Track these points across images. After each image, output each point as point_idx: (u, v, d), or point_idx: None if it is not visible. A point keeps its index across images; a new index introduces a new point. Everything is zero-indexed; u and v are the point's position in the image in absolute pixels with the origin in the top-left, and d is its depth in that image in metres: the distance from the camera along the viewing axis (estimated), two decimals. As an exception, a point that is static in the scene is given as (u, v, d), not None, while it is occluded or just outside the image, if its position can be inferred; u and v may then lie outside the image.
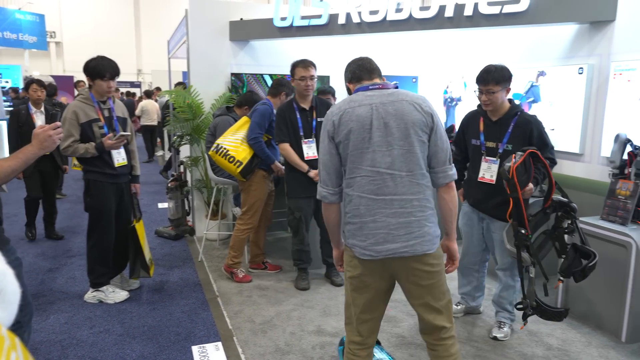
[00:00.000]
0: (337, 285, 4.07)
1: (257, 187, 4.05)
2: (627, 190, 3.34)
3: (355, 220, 2.05)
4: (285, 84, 4.10)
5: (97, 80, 3.34)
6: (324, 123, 2.09)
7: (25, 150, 1.93)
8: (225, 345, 3.11)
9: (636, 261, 3.11)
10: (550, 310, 2.83)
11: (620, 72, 3.74)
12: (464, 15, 4.27)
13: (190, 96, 5.18)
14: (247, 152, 3.97)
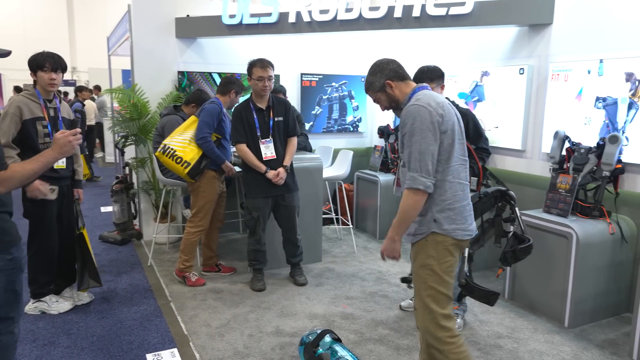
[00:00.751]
0: (300, 285, 4.06)
1: (206, 188, 3.95)
2: (566, 184, 3.56)
3: (456, 205, 2.17)
4: (234, 81, 4.03)
5: (38, 72, 3.15)
6: (425, 116, 2.07)
7: (45, 154, 2.01)
8: (181, 351, 3.03)
9: (576, 251, 3.31)
10: (478, 289, 2.93)
11: (558, 73, 3.97)
12: (412, 16, 4.38)
13: (135, 95, 4.99)
14: (195, 152, 3.87)
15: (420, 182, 2.06)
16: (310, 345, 2.71)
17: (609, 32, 3.63)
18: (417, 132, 2.08)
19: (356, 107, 6.28)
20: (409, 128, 2.10)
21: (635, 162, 3.47)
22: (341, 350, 2.63)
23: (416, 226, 2.20)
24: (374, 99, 2.35)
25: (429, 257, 2.18)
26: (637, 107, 3.43)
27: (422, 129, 2.07)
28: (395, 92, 2.26)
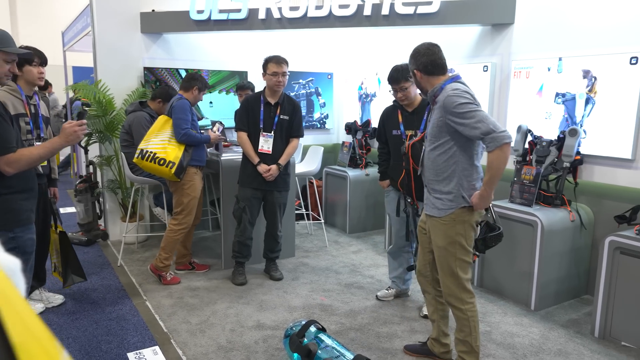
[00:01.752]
0: (276, 280, 4.10)
1: (190, 185, 3.92)
2: (530, 175, 3.77)
3: (478, 186, 2.51)
4: (197, 78, 4.01)
5: (25, 66, 3.05)
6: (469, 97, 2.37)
7: (53, 141, 2.22)
8: (163, 348, 3.00)
9: (541, 238, 3.51)
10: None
11: (520, 70, 4.19)
12: (381, 14, 4.50)
13: (100, 91, 4.87)
14: (177, 150, 3.83)
15: (502, 137, 2.26)
16: (296, 336, 2.76)
17: (567, 32, 3.87)
18: (467, 106, 2.33)
19: (323, 104, 6.36)
20: (460, 106, 2.33)
21: (592, 154, 3.72)
22: (327, 339, 2.70)
23: (446, 202, 2.50)
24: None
25: (458, 234, 2.50)
26: (593, 102, 3.67)
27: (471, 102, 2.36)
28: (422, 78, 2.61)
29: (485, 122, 2.29)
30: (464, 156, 2.47)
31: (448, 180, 2.49)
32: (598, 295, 3.18)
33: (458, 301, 2.57)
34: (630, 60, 3.42)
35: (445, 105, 2.39)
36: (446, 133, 2.45)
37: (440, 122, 2.45)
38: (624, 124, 3.49)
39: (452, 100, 2.36)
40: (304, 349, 2.64)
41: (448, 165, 2.48)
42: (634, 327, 3.02)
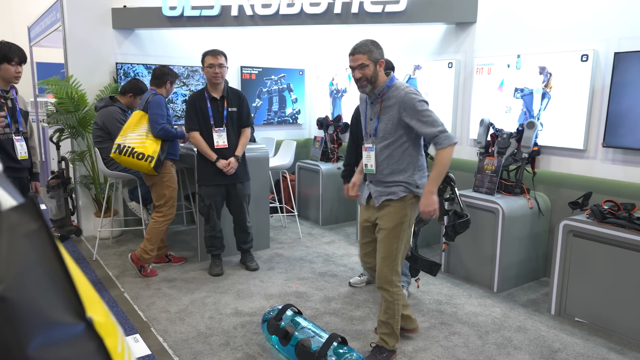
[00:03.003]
0: (252, 270, 4.22)
1: (169, 177, 4.01)
2: (492, 165, 4.01)
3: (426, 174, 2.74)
4: (167, 72, 4.05)
5: (3, 64, 3.06)
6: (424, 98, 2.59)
7: None
8: (144, 336, 3.09)
9: (502, 224, 3.75)
10: (422, 259, 3.30)
11: (482, 67, 4.43)
12: (350, 12, 4.66)
13: (72, 87, 4.87)
14: (155, 144, 3.89)
15: (452, 137, 2.52)
16: (273, 320, 2.90)
17: (525, 31, 4.12)
18: (425, 105, 2.55)
19: (295, 99, 6.49)
20: (419, 106, 2.53)
21: (548, 145, 3.98)
22: (303, 322, 2.85)
23: (402, 187, 2.65)
24: (361, 63, 2.62)
25: (406, 216, 2.64)
26: (549, 97, 3.93)
27: (426, 102, 2.58)
28: (380, 71, 2.65)
29: (439, 122, 2.53)
30: (415, 149, 2.67)
31: (404, 172, 2.66)
32: (554, 274, 3.44)
33: (389, 284, 2.68)
34: (582, 57, 3.69)
35: (404, 102, 2.55)
36: (401, 128, 2.61)
37: (396, 119, 2.60)
38: (576, 116, 3.76)
39: (412, 98, 2.54)
40: (281, 331, 2.79)
41: (404, 158, 2.65)
42: (586, 304, 3.28)
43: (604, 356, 2.91)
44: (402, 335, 3.01)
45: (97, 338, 0.60)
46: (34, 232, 0.59)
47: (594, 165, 3.74)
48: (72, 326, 0.57)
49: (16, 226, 0.59)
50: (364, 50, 2.61)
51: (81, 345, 0.58)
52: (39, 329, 0.53)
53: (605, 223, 3.16)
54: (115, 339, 0.66)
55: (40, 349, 0.53)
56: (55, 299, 0.57)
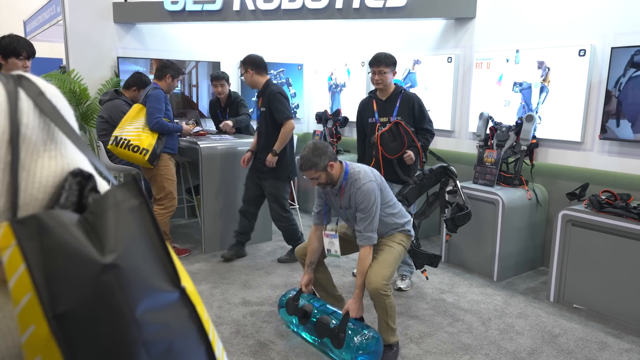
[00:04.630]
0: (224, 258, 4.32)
1: (166, 170, 4.07)
2: (492, 158, 4.10)
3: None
4: (169, 65, 4.08)
5: (11, 58, 3.08)
6: (376, 192, 2.78)
7: None
8: (155, 325, 3.15)
9: (502, 215, 3.85)
10: (422, 253, 3.40)
11: (481, 61, 4.52)
12: (352, 8, 4.73)
13: (74, 81, 4.89)
14: (151, 138, 3.95)
15: (374, 238, 2.76)
16: (292, 300, 2.95)
17: (524, 26, 4.21)
18: (375, 206, 2.73)
19: (294, 94, 6.55)
20: (372, 202, 2.72)
21: (546, 138, 4.08)
22: (319, 302, 2.91)
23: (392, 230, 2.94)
24: (313, 177, 2.76)
25: (402, 242, 2.90)
26: (547, 91, 4.04)
27: (377, 202, 2.75)
28: (334, 171, 2.77)
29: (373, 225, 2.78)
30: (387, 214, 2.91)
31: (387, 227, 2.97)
32: (553, 263, 3.55)
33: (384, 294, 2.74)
34: (579, 52, 3.79)
35: (356, 196, 2.78)
36: None
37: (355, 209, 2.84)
38: (574, 110, 3.87)
39: (362, 193, 2.75)
40: (300, 311, 2.84)
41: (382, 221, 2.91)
42: (584, 291, 3.40)
43: (602, 340, 3.03)
44: (406, 321, 3.09)
45: (190, 305, 0.66)
46: (137, 207, 0.66)
47: (591, 157, 3.85)
48: (170, 293, 0.64)
49: (121, 202, 0.66)
50: (309, 165, 2.71)
51: (177, 311, 0.64)
52: (144, 295, 0.60)
53: (603, 212, 3.27)
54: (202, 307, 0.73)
55: (146, 313, 0.59)
56: (156, 268, 0.63)
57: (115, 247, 0.60)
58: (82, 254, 0.58)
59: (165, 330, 0.62)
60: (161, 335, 0.61)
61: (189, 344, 0.66)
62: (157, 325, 0.61)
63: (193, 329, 0.67)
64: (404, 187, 3.52)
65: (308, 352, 2.85)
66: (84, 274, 0.58)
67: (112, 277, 0.58)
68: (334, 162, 2.76)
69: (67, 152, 0.72)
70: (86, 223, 0.63)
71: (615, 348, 2.94)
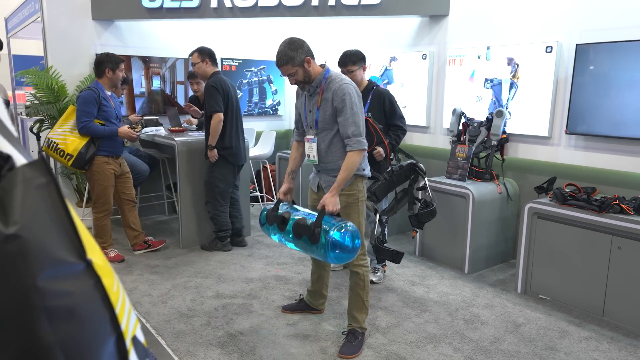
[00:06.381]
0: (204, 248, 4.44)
1: (99, 175, 3.98)
2: (463, 153, 4.18)
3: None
4: (104, 59, 3.91)
5: None
6: (354, 93, 2.63)
7: None
8: (127, 318, 3.19)
9: (473, 208, 3.93)
10: (385, 250, 3.45)
11: (454, 58, 4.59)
12: (328, 5, 4.78)
13: (52, 77, 4.90)
14: (77, 142, 3.85)
15: (364, 143, 2.61)
16: (271, 211, 2.88)
17: (494, 23, 4.29)
18: (354, 105, 2.60)
19: (275, 91, 6.60)
20: (348, 102, 2.58)
21: (516, 133, 4.17)
22: (299, 208, 2.86)
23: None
24: (289, 72, 2.66)
25: (359, 192, 2.77)
26: (516, 87, 4.12)
27: (355, 102, 2.61)
28: (311, 68, 2.67)
29: (358, 125, 2.65)
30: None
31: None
32: (520, 254, 3.63)
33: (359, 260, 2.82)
34: (546, 49, 3.87)
35: (336, 94, 2.62)
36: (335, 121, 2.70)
37: (332, 110, 2.67)
38: (542, 105, 3.95)
39: (341, 90, 2.61)
40: (279, 218, 2.78)
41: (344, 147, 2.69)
42: (549, 282, 3.48)
43: (564, 329, 3.11)
44: (374, 312, 3.16)
45: (95, 276, 0.72)
46: (44, 184, 0.72)
47: (558, 151, 3.94)
48: (74, 264, 0.70)
49: (29, 179, 0.71)
50: (285, 60, 2.62)
51: (81, 281, 0.70)
52: (46, 264, 0.66)
53: (566, 205, 3.36)
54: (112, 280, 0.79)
55: (48, 281, 0.65)
56: (60, 241, 0.69)
57: (19, 219, 0.65)
58: None
59: (68, 297, 0.68)
60: (63, 301, 0.67)
61: (92, 310, 0.71)
62: (58, 293, 0.67)
63: (98, 297, 0.73)
64: (374, 183, 3.57)
65: (275, 342, 2.91)
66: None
67: (14, 247, 0.64)
68: (312, 58, 2.65)
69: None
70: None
71: (576, 336, 3.02)
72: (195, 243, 4.60)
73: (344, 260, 2.59)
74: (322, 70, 2.73)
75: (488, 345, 2.91)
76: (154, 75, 5.61)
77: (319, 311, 3.28)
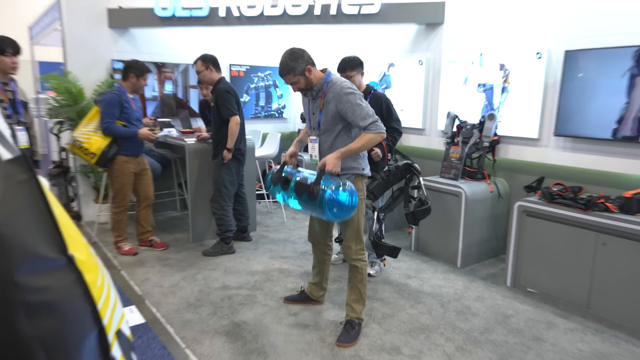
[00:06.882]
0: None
1: (118, 173, 3.99)
2: (457, 153, 4.15)
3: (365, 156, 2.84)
4: (132, 65, 3.95)
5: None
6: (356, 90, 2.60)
7: None
8: (139, 307, 3.20)
9: (465, 206, 3.90)
10: (383, 245, 3.43)
11: (449, 64, 4.56)
12: (329, 14, 4.76)
13: (70, 82, 4.91)
14: (101, 142, 3.87)
15: (382, 127, 2.56)
16: (276, 173, 2.86)
17: (487, 31, 4.26)
18: (361, 99, 2.59)
19: (280, 95, 6.58)
20: (353, 99, 2.57)
21: (507, 135, 4.13)
22: (302, 170, 2.81)
23: (348, 175, 2.72)
24: (291, 81, 2.66)
25: (359, 190, 2.73)
26: (507, 91, 4.08)
27: (360, 96, 2.60)
28: (312, 76, 2.67)
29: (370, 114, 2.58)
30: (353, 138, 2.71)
31: (349, 159, 2.68)
32: (510, 250, 3.60)
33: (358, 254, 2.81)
34: (536, 55, 3.83)
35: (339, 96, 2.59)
36: (339, 121, 2.67)
37: (334, 112, 2.65)
38: (532, 109, 3.92)
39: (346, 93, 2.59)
40: (282, 178, 2.78)
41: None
42: (537, 276, 3.45)
43: (551, 320, 3.08)
44: (371, 304, 3.14)
45: (76, 271, 0.69)
46: (26, 181, 0.69)
47: (547, 152, 3.90)
48: (55, 260, 0.66)
49: (11, 175, 0.69)
50: (287, 70, 2.62)
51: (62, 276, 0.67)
52: (26, 260, 0.62)
53: (553, 203, 3.32)
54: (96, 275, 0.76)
55: (27, 276, 0.62)
56: (41, 237, 0.66)
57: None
58: None
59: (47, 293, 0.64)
60: (42, 297, 0.64)
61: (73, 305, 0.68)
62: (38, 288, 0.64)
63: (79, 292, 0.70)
64: (371, 182, 3.56)
65: (277, 331, 2.90)
66: None
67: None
68: (312, 66, 2.64)
69: None
70: None
71: (562, 328, 2.99)
72: (204, 238, 4.59)
73: (342, 217, 2.53)
74: (324, 75, 2.72)
75: (478, 335, 2.88)
76: (166, 80, 5.61)
77: (319, 302, 3.27)
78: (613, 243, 3.00)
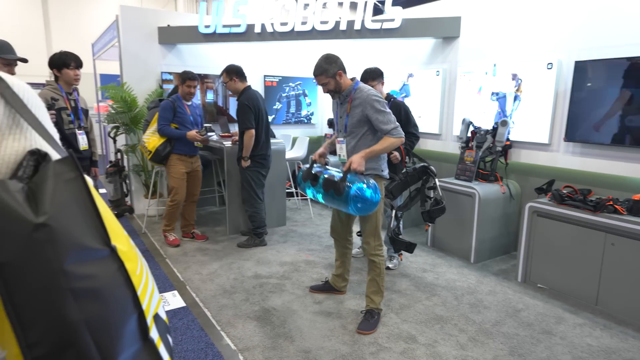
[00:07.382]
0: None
1: (173, 170, 4.03)
2: (471, 157, 4.02)
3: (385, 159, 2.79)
4: (181, 74, 4.00)
5: (63, 69, 3.18)
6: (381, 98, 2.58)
7: None
8: (180, 292, 3.22)
9: (479, 206, 3.77)
10: (400, 241, 3.34)
11: (464, 74, 4.42)
12: (354, 29, 4.69)
13: (125, 92, 5.01)
14: (155, 142, 3.97)
15: (402, 133, 2.54)
16: (306, 170, 2.85)
17: (500, 44, 4.11)
18: (385, 106, 2.56)
19: (309, 103, 6.55)
20: (378, 105, 2.55)
21: (519, 140, 3.97)
22: (330, 168, 2.79)
23: (369, 175, 2.64)
24: (323, 82, 2.64)
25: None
26: (520, 99, 3.92)
27: (384, 104, 2.57)
28: (342, 80, 2.63)
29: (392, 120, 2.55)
30: (377, 141, 2.64)
31: (371, 160, 2.65)
32: (521, 247, 3.46)
33: (376, 249, 2.75)
34: (547, 65, 3.67)
35: (366, 102, 2.56)
36: (365, 124, 2.62)
37: (360, 116, 2.60)
38: (543, 116, 3.75)
39: (373, 99, 2.56)
40: (312, 175, 2.78)
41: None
42: (547, 272, 3.30)
43: (560, 315, 2.94)
44: (389, 295, 3.07)
45: (119, 261, 0.68)
46: (73, 179, 0.68)
47: (557, 157, 3.73)
48: (99, 250, 0.66)
49: (60, 174, 0.68)
50: (320, 71, 2.62)
51: (106, 265, 0.66)
52: (72, 250, 0.62)
53: (563, 205, 3.17)
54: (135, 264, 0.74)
55: (74, 265, 0.61)
56: (86, 229, 0.65)
57: (48, 210, 0.62)
58: (19, 214, 0.61)
59: (92, 280, 0.64)
60: (88, 283, 0.63)
61: (116, 292, 0.67)
62: (84, 276, 0.63)
63: (121, 280, 0.69)
64: (390, 183, 3.48)
65: (303, 317, 2.87)
66: (19, 231, 0.60)
67: (43, 235, 0.61)
68: (343, 72, 2.64)
69: (31, 135, 0.75)
70: (29, 190, 0.65)
71: (570, 322, 2.85)
72: (239, 231, 4.60)
73: (365, 211, 2.49)
74: (352, 82, 2.69)
75: (490, 327, 2.77)
76: (208, 89, 5.66)
77: (341, 292, 3.22)
78: (622, 243, 2.84)
